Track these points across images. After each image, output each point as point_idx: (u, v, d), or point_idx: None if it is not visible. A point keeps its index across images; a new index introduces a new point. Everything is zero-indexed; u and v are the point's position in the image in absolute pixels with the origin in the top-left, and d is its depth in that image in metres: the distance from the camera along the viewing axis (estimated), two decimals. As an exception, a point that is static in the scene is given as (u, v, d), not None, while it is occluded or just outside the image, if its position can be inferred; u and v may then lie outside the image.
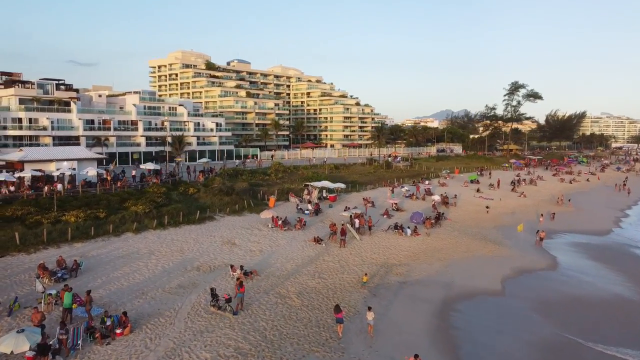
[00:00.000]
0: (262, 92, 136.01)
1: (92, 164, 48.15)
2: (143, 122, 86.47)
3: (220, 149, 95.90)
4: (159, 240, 35.21)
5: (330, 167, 79.62)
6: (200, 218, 41.26)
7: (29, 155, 45.11)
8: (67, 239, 32.78)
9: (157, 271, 29.16)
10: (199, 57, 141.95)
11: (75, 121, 78.98)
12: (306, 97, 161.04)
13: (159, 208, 41.27)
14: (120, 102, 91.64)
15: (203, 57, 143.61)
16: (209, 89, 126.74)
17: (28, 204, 38.13)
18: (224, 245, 35.36)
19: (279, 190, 55.50)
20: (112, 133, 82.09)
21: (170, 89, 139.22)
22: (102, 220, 36.97)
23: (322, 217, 47.26)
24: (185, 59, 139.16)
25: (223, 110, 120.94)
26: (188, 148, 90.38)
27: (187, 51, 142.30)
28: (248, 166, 75.74)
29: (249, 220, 42.86)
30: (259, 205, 49.07)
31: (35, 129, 75.62)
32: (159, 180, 51.11)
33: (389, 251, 38.04)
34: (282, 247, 36.32)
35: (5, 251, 29.89)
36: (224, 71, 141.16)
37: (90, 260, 29.99)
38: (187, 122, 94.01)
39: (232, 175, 62.29)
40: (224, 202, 46.84)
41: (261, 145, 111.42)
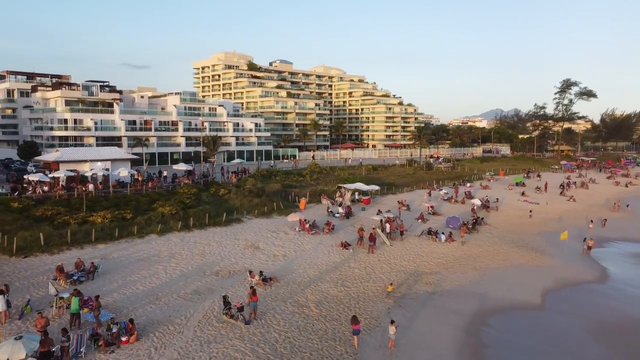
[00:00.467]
0: (302, 92, 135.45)
1: (125, 165, 48.55)
2: (183, 123, 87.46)
3: (258, 149, 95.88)
4: (182, 242, 34.70)
5: (368, 168, 77.76)
6: (227, 220, 40.60)
7: (64, 155, 45.95)
8: (91, 240, 32.76)
9: (174, 275, 28.52)
10: (242, 58, 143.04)
11: (118, 122, 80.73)
12: (348, 96, 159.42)
13: (186, 209, 40.91)
14: (162, 103, 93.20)
15: (245, 57, 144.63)
16: (250, 89, 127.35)
17: (59, 204, 38.60)
18: (246, 249, 34.44)
19: (312, 192, 54.30)
20: (152, 133, 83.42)
21: (213, 89, 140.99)
22: (128, 222, 36.88)
23: (353, 220, 45.67)
24: (228, 60, 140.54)
25: (263, 110, 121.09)
26: (226, 148, 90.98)
27: (229, 52, 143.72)
28: (283, 167, 74.98)
29: (277, 223, 41.85)
30: (289, 207, 48.03)
31: (80, 129, 77.79)
32: (191, 181, 50.98)
33: (420, 258, 36.05)
34: (307, 252, 35.04)
35: (29, 251, 30.08)
36: (265, 71, 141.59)
37: (110, 262, 29.73)
38: (226, 122, 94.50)
39: (266, 176, 61.63)
40: (253, 203, 46.08)
41: (300, 145, 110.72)
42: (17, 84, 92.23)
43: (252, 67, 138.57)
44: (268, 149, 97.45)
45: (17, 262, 28.94)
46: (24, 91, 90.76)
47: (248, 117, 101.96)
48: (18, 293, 24.52)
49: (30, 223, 34.40)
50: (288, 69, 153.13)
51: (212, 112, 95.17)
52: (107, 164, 46.49)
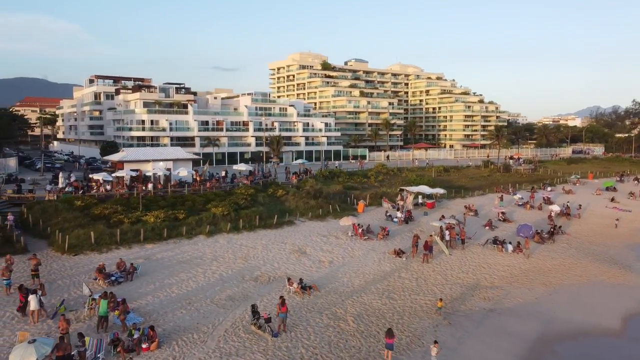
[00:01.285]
0: (376, 91, 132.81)
1: (186, 165, 49.29)
2: (253, 123, 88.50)
3: (327, 149, 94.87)
4: (228, 244, 34.13)
5: (439, 170, 73.93)
6: (278, 222, 39.64)
7: (128, 155, 47.49)
8: (140, 240, 33.07)
9: (212, 279, 27.83)
10: (316, 58, 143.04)
11: (192, 122, 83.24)
12: (425, 95, 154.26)
13: (238, 211, 40.47)
14: (234, 103, 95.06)
15: (320, 57, 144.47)
16: (323, 89, 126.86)
17: (119, 203, 39.65)
18: (292, 253, 33.15)
19: (373, 194, 52.13)
20: (224, 134, 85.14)
21: (287, 90, 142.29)
22: (179, 222, 37.02)
23: (412, 226, 42.99)
24: (303, 60, 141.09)
25: (336, 110, 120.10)
26: (294, 148, 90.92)
27: (305, 52, 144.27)
28: (349, 167, 73.17)
29: (330, 227, 40.26)
30: (346, 210, 46.26)
31: (156, 129, 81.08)
32: (250, 181, 50.76)
33: (481, 270, 32.81)
34: (356, 259, 33.09)
35: (80, 250, 30.82)
36: (339, 71, 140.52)
37: (153, 263, 29.68)
38: (296, 122, 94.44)
39: (328, 177, 60.26)
40: (308, 206, 44.84)
41: (371, 145, 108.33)
42: (103, 87, 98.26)
43: (326, 66, 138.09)
44: (337, 149, 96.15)
45: (67, 259, 29.74)
46: (109, 94, 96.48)
47: (318, 117, 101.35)
48: (58, 291, 24.91)
49: (88, 221, 35.46)
50: (363, 68, 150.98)
51: (283, 112, 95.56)
52: (168, 163, 47.42)
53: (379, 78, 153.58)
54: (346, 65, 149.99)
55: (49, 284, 25.67)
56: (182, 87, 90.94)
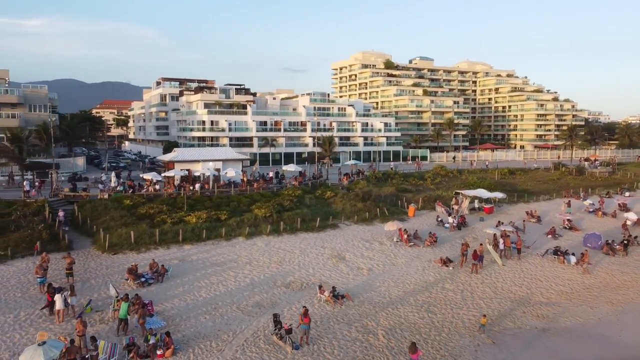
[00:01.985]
0: (440, 90, 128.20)
1: (236, 165, 49.29)
2: (311, 123, 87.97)
3: (386, 149, 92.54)
4: (266, 247, 33.33)
5: (503, 172, 69.56)
6: (321, 225, 38.41)
7: (179, 155, 48.17)
8: (179, 241, 33.04)
9: (242, 284, 27.05)
10: (379, 57, 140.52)
11: (250, 123, 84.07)
12: (494, 93, 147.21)
13: (281, 212, 39.67)
14: (293, 104, 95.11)
15: (383, 56, 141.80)
16: (384, 88, 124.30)
17: (165, 202, 40.10)
18: (330, 259, 31.76)
19: (426, 197, 49.60)
20: (281, 134, 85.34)
21: (349, 89, 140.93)
22: (221, 223, 36.77)
23: (465, 232, 40.25)
24: (366, 60, 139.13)
25: (398, 109, 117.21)
26: (353, 149, 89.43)
27: (367, 51, 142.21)
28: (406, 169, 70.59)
29: (375, 232, 38.46)
30: (396, 214, 44.23)
31: (216, 130, 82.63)
32: (299, 182, 49.93)
33: (536, 283, 29.78)
34: (398, 267, 31.14)
35: (119, 249, 31.21)
36: (402, 69, 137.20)
37: (186, 265, 29.41)
38: (354, 122, 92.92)
39: (382, 178, 58.25)
40: (356, 208, 43.24)
41: (433, 146, 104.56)
42: (169, 89, 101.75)
43: (389, 65, 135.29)
44: (397, 150, 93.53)
45: (105, 258, 30.18)
46: (174, 95, 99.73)
47: (378, 117, 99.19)
48: (90, 291, 25.11)
49: (133, 220, 36.02)
50: (428, 66, 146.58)
51: (341, 112, 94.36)
52: (217, 164, 47.61)
53: (445, 76, 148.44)
54: (410, 63, 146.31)
55: (82, 282, 26.01)
56: (242, 88, 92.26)
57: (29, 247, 30.05)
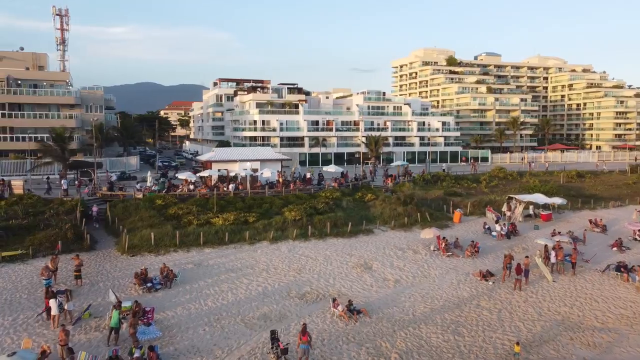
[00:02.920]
0: (506, 87, 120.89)
1: (274, 165, 47.88)
2: (364, 122, 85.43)
3: (444, 150, 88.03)
4: (289, 253, 31.42)
5: (570, 175, 63.53)
6: (353, 231, 36.00)
7: (217, 155, 47.46)
8: (200, 244, 31.91)
9: (254, 293, 25.28)
10: (441, 54, 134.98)
11: (301, 122, 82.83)
12: (567, 89, 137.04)
13: (312, 216, 37.64)
14: (347, 103, 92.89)
15: (446, 53, 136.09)
16: (446, 85, 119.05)
17: (196, 203, 39.30)
18: (355, 268, 29.31)
19: (476, 202, 45.73)
20: (333, 134, 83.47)
21: (410, 88, 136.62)
22: (248, 226, 35.36)
23: (516, 242, 36.30)
24: (427, 57, 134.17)
25: (459, 108, 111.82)
26: (408, 149, 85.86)
27: (429, 48, 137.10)
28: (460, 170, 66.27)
29: (411, 239, 35.49)
30: (439, 219, 40.93)
31: (267, 130, 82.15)
32: (338, 184, 47.67)
33: (591, 305, 25.77)
34: (429, 280, 28.16)
35: (139, 250, 30.53)
36: (466, 66, 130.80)
37: (201, 269, 28.09)
38: (410, 121, 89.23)
39: (431, 181, 54.70)
40: (395, 213, 40.42)
41: (495, 146, 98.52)
42: (224, 89, 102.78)
43: (451, 62, 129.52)
44: (455, 150, 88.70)
45: (124, 260, 29.55)
46: (229, 96, 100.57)
47: (436, 116, 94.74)
48: (96, 294, 24.34)
49: (161, 221, 35.42)
50: (494, 62, 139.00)
51: (397, 111, 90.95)
52: (255, 164, 46.41)
53: (513, 72, 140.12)
54: (476, 59, 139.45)
55: (90, 285, 25.36)
56: (295, 88, 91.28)
57: (52, 246, 30.02)
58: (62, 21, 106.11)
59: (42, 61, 71.20)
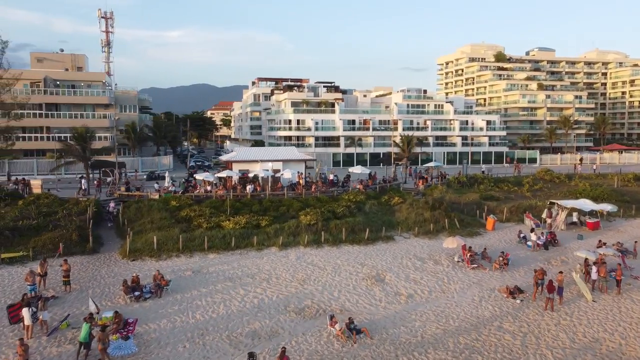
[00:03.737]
0: (559, 83, 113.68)
1: (298, 166, 45.81)
2: (403, 122, 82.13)
3: (488, 150, 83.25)
4: (296, 261, 29.20)
5: (627, 178, 57.86)
6: (371, 237, 33.34)
7: (237, 155, 45.90)
8: (204, 248, 30.26)
9: (248, 305, 23.23)
10: (490, 49, 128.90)
11: (337, 121, 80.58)
12: (629, 86, 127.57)
13: (329, 220, 35.24)
14: (386, 101, 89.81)
15: (494, 48, 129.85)
16: (493, 82, 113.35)
17: (211, 205, 37.83)
18: (365, 280, 26.70)
19: (513, 207, 41.87)
20: (370, 133, 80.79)
21: (455, 85, 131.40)
22: (259, 230, 33.46)
23: (554, 253, 32.51)
24: (474, 53, 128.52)
25: (507, 106, 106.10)
26: (449, 149, 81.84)
27: (476, 44, 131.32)
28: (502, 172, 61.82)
29: (435, 247, 32.41)
30: (470, 226, 37.59)
31: (302, 129, 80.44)
32: (364, 186, 44.97)
33: (637, 331, 22.07)
34: (448, 296, 25.18)
35: (140, 254, 29.22)
36: (516, 62, 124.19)
37: (198, 277, 26.33)
38: (452, 120, 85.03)
39: (467, 183, 50.96)
40: (422, 218, 37.42)
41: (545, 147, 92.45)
42: (261, 89, 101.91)
43: (500, 58, 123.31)
44: (500, 151, 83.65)
45: (123, 264, 28.31)
46: (267, 95, 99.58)
47: (481, 115, 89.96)
48: (81, 302, 23.01)
49: (171, 224, 34.14)
50: (547, 58, 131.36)
51: (438, 110, 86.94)
52: (277, 164, 44.50)
53: (568, 68, 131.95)
54: (527, 55, 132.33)
55: (79, 292, 24.13)
56: (332, 86, 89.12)
57: (55, 248, 29.23)
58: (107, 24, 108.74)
59: (80, 62, 72.48)
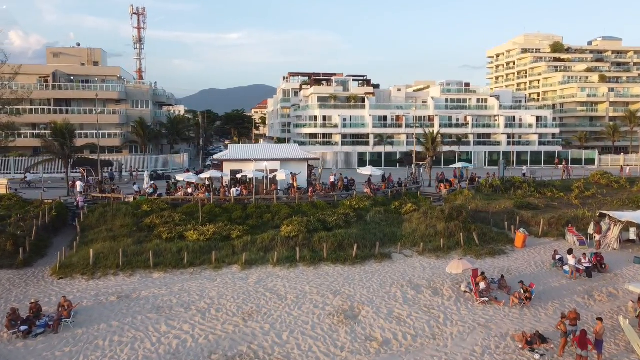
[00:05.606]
0: (626, 75, 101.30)
1: (299, 166, 39.89)
2: (440, 118, 74.51)
3: (537, 149, 73.95)
4: (254, 286, 23.23)
5: None
6: (362, 255, 26.92)
7: (230, 153, 40.61)
8: (149, 266, 24.98)
9: (161, 350, 17.49)
10: (546, 39, 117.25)
11: (367, 118, 74.18)
12: None
13: (315, 232, 29.11)
14: (423, 96, 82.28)
15: (551, 38, 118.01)
16: (548, 75, 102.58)
17: (187, 210, 32.75)
18: (331, 316, 20.38)
19: (553, 219, 34.04)
20: (403, 130, 73.87)
21: (506, 79, 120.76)
22: (227, 243, 27.91)
23: (599, 282, 24.80)
24: (528, 43, 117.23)
25: (563, 100, 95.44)
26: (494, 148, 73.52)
27: (531, 34, 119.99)
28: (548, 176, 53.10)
29: (440, 271, 25.53)
30: (494, 241, 30.36)
31: (329, 126, 74.62)
32: (371, 189, 38.41)
33: None
34: (439, 342, 18.41)
35: (71, 271, 24.31)
36: (576, 52, 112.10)
37: (121, 305, 20.92)
38: (497, 116, 76.35)
39: (501, 188, 43.17)
40: (434, 230, 30.60)
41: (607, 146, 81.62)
42: (291, 84, 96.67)
43: (557, 48, 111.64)
44: (552, 150, 74.01)
45: (47, 282, 23.49)
46: (296, 91, 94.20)
47: (530, 110, 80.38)
48: (-41, 336, 18.28)
49: (130, 232, 29.32)
50: (613, 47, 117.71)
51: (482, 105, 78.41)
52: (274, 164, 38.81)
53: (637, 58, 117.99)
54: (589, 45, 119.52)
55: (-38, 322, 19.40)
56: (363, 80, 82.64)
57: (-19, 260, 24.92)
58: (139, 20, 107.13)
59: (96, 57, 69.94)
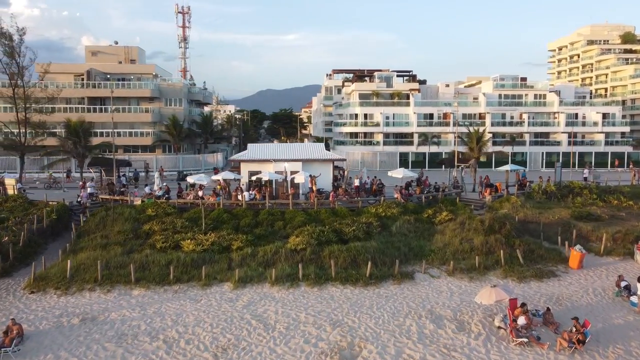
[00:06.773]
0: None
1: (324, 168, 36.09)
2: (491, 115, 68.51)
3: (604, 150, 66.36)
4: (241, 310, 19.62)
5: None
6: (379, 275, 22.72)
7: (248, 153, 37.31)
8: (130, 281, 21.99)
9: (105, 394, 14.39)
10: (615, 30, 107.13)
11: (412, 116, 69.41)
12: None
13: (327, 245, 25.23)
14: (474, 92, 76.27)
15: (621, 28, 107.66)
16: (616, 68, 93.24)
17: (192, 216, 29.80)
18: (323, 355, 16.41)
19: (622, 233, 28.43)
20: (449, 129, 68.35)
21: (570, 74, 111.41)
22: (225, 255, 24.60)
23: (679, 319, 19.45)
24: (595, 34, 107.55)
25: (635, 96, 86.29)
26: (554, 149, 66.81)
27: (598, 24, 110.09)
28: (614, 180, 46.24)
29: (470, 297, 20.92)
30: (544, 260, 25.32)
31: (370, 125, 70.48)
32: (402, 195, 33.95)
33: None
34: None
35: (46, 285, 21.70)
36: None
37: (80, 330, 17.86)
38: (556, 113, 69.33)
39: (557, 195, 37.43)
40: (470, 245, 25.98)
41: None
42: (334, 81, 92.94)
43: (628, 39, 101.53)
44: (620, 151, 66.14)
45: (18, 297, 20.98)
46: (339, 88, 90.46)
47: (596, 106, 72.50)
48: None
49: (125, 240, 26.67)
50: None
51: (539, 101, 71.52)
52: (295, 165, 35.25)
53: None
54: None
55: None
56: (408, 75, 77.74)
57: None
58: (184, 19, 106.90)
59: (133, 55, 69.15)
